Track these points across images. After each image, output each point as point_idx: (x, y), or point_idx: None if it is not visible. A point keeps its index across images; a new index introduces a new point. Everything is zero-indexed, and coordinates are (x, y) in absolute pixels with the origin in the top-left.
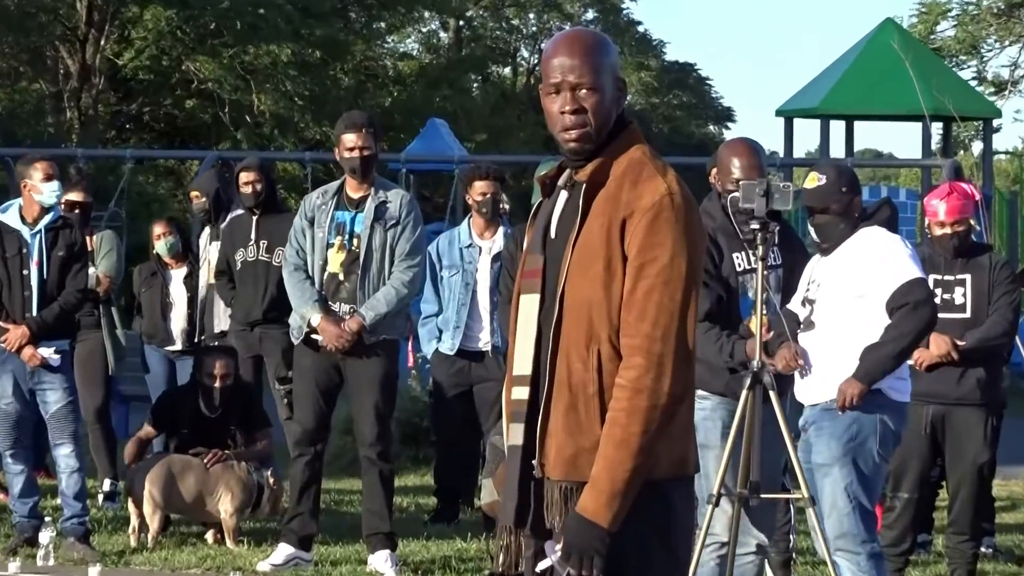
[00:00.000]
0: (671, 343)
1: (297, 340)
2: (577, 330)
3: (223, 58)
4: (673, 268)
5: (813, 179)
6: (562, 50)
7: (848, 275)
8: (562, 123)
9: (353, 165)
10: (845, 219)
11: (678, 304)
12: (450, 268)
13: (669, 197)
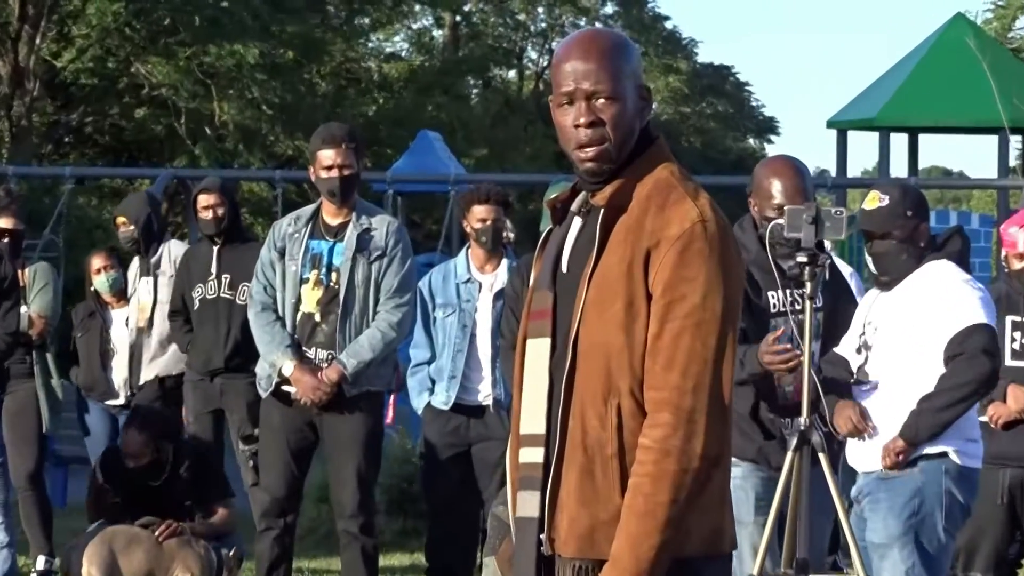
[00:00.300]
0: (704, 396)
1: (265, 392)
2: (593, 381)
3: (179, 59)
4: (706, 308)
5: (874, 199)
6: (575, 53)
7: (909, 318)
8: (576, 139)
9: (331, 186)
10: (909, 248)
11: (712, 350)
12: (444, 307)
13: (701, 224)
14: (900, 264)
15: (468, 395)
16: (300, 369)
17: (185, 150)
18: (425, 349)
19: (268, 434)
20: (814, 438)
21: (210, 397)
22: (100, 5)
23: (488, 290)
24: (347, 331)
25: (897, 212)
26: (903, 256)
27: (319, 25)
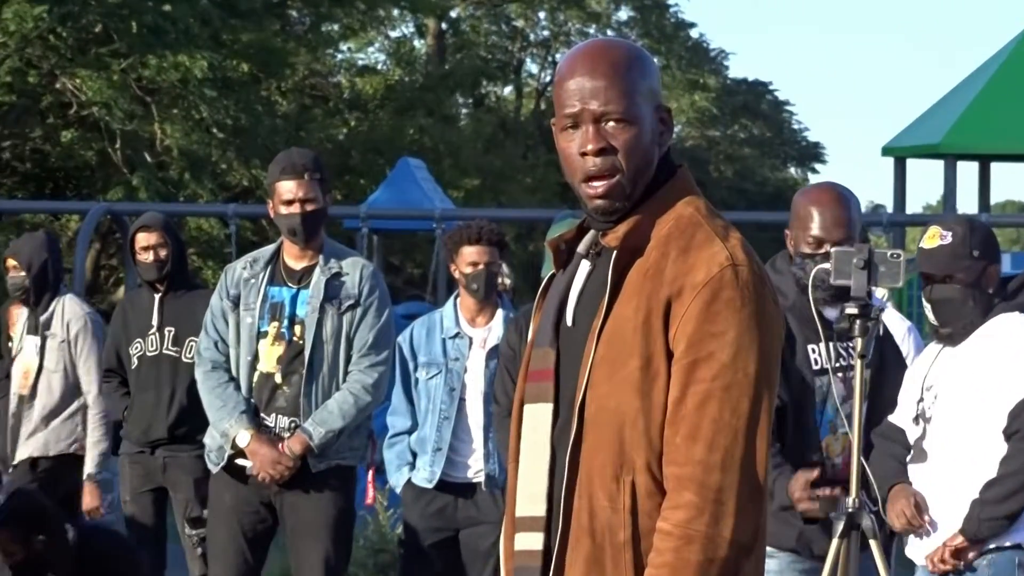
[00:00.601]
0: (734, 473)
1: (216, 467)
2: (603, 454)
3: (113, 73)
4: (737, 368)
5: (934, 236)
6: (582, 67)
7: (975, 383)
8: (583, 169)
9: (291, 224)
10: (975, 294)
11: (744, 419)
12: (428, 367)
13: (732, 269)
14: (964, 313)
15: (456, 471)
16: (257, 439)
17: (121, 180)
18: (405, 416)
19: (218, 516)
20: (864, 522)
21: (150, 473)
22: (19, 9)
23: (480, 346)
24: (313, 395)
25: (961, 252)
26: (968, 304)
27: (279, 33)
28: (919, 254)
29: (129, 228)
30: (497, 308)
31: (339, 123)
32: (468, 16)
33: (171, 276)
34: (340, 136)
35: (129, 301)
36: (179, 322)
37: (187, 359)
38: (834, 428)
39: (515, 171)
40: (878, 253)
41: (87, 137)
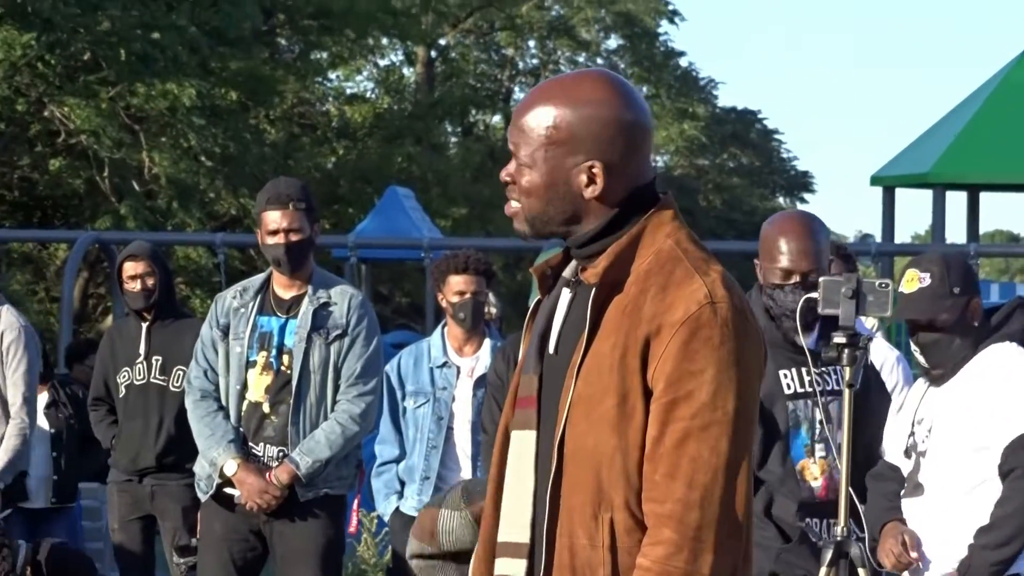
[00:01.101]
0: (713, 511)
1: (205, 495)
2: (581, 492)
3: (101, 101)
4: (716, 407)
5: (912, 279)
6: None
7: (968, 417)
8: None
9: (278, 254)
10: (961, 333)
11: (723, 457)
12: (416, 396)
13: (711, 306)
14: (953, 352)
15: None
16: (245, 468)
17: (109, 209)
18: (393, 445)
19: (208, 544)
20: (852, 551)
21: (138, 501)
22: (7, 36)
23: (467, 376)
24: (301, 424)
25: (942, 292)
26: (956, 342)
27: (268, 61)
28: (900, 300)
29: (117, 257)
30: (484, 337)
31: (327, 151)
32: (457, 44)
33: (159, 305)
34: (328, 164)
35: (117, 330)
36: (166, 351)
37: (175, 388)
38: (810, 451)
39: (503, 200)
40: (866, 282)
41: (75, 165)
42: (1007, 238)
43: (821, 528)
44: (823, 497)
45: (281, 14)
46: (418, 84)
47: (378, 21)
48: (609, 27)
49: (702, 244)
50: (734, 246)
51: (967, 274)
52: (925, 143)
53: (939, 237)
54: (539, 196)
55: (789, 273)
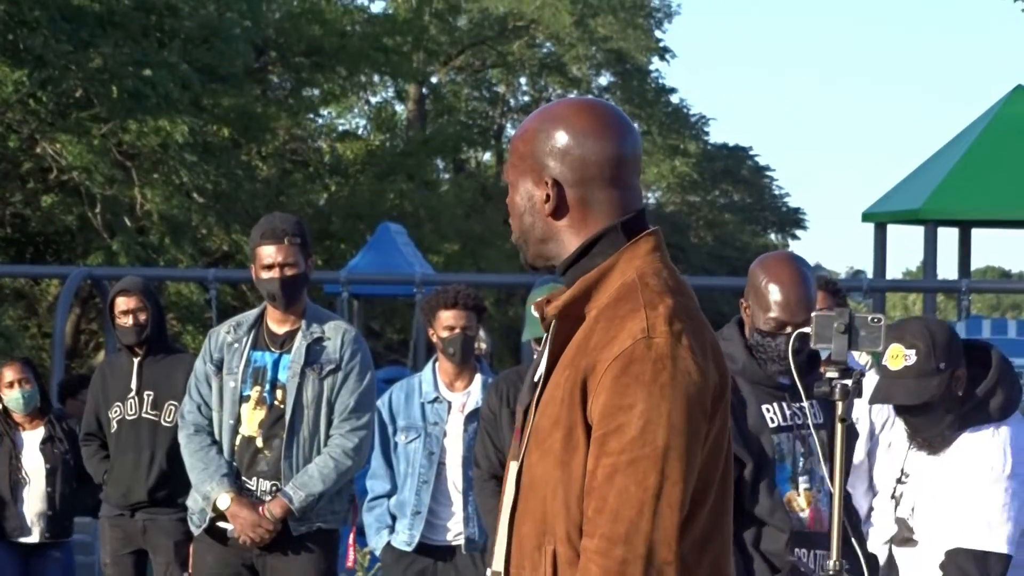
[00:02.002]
0: (639, 547)
1: (198, 529)
2: (531, 522)
3: (93, 137)
4: (645, 442)
5: (898, 356)
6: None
7: (952, 497)
8: None
9: (272, 288)
10: (947, 407)
11: (650, 492)
12: (408, 431)
13: (645, 342)
14: (941, 429)
15: (435, 534)
16: (238, 503)
17: (101, 245)
18: (384, 480)
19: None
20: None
21: (130, 535)
22: (0, 72)
23: (459, 411)
24: (294, 458)
25: (928, 369)
26: (942, 418)
27: (260, 98)
28: (884, 375)
29: (109, 293)
30: (476, 372)
31: (320, 188)
32: (448, 81)
33: (150, 340)
34: (321, 201)
35: (108, 365)
36: (158, 386)
37: (166, 423)
38: (794, 483)
39: (495, 236)
40: (858, 318)
41: (67, 202)
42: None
43: (809, 559)
44: (811, 528)
45: (273, 51)
46: (410, 121)
47: (369, 59)
48: (600, 64)
49: (673, 277)
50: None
51: (951, 344)
52: (917, 179)
53: (931, 273)
54: (514, 215)
55: (783, 324)
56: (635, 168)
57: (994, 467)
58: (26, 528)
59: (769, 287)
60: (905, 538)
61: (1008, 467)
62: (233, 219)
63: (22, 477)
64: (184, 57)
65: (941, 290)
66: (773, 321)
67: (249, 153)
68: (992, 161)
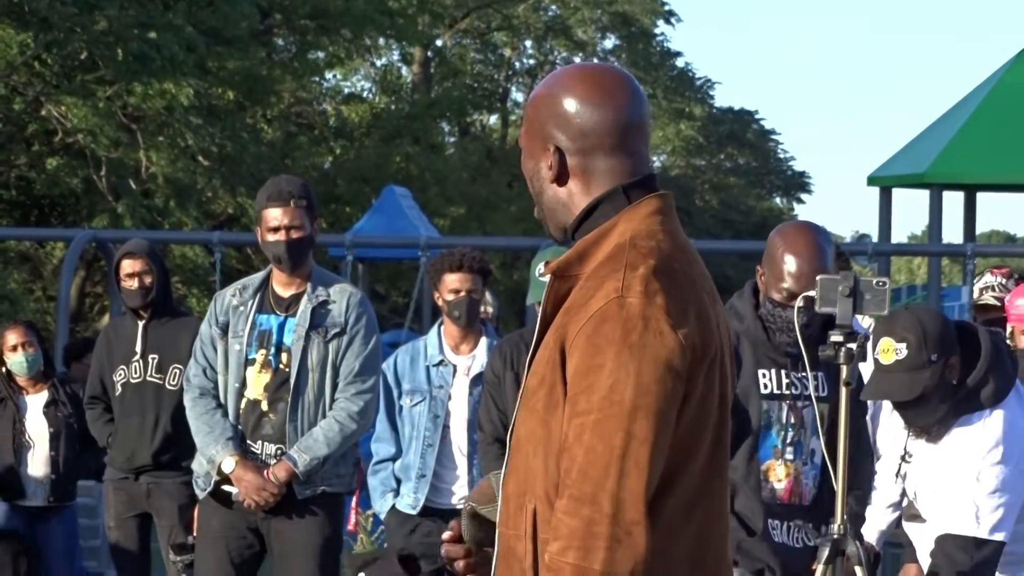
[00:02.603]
0: (605, 505)
1: (203, 492)
2: (515, 480)
3: (98, 100)
4: (613, 402)
5: (888, 350)
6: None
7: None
8: None
9: (278, 251)
10: (940, 396)
11: (616, 451)
12: (412, 394)
13: (617, 301)
14: (936, 418)
15: (440, 497)
16: (243, 466)
17: (106, 207)
18: (389, 443)
19: (205, 542)
20: (849, 548)
21: (135, 499)
22: (3, 35)
23: (464, 374)
24: (299, 422)
25: (919, 362)
26: (936, 408)
27: (265, 60)
28: (876, 369)
29: (114, 256)
30: (481, 336)
31: (325, 151)
32: (454, 44)
33: (155, 303)
34: (326, 164)
35: (113, 328)
36: (163, 349)
37: (171, 386)
38: (778, 453)
39: (501, 200)
40: (863, 281)
41: (72, 164)
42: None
43: (782, 531)
44: (785, 500)
45: (278, 14)
46: (415, 84)
47: (374, 22)
48: (606, 27)
49: (671, 240)
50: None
51: (942, 334)
52: (922, 143)
53: (936, 237)
54: (528, 180)
55: (793, 295)
56: (641, 135)
57: (984, 454)
58: (30, 492)
59: (785, 257)
60: (913, 514)
61: (1000, 453)
62: (238, 182)
63: (26, 441)
64: (189, 19)
65: (946, 254)
66: (785, 291)
67: (254, 116)
68: (997, 125)
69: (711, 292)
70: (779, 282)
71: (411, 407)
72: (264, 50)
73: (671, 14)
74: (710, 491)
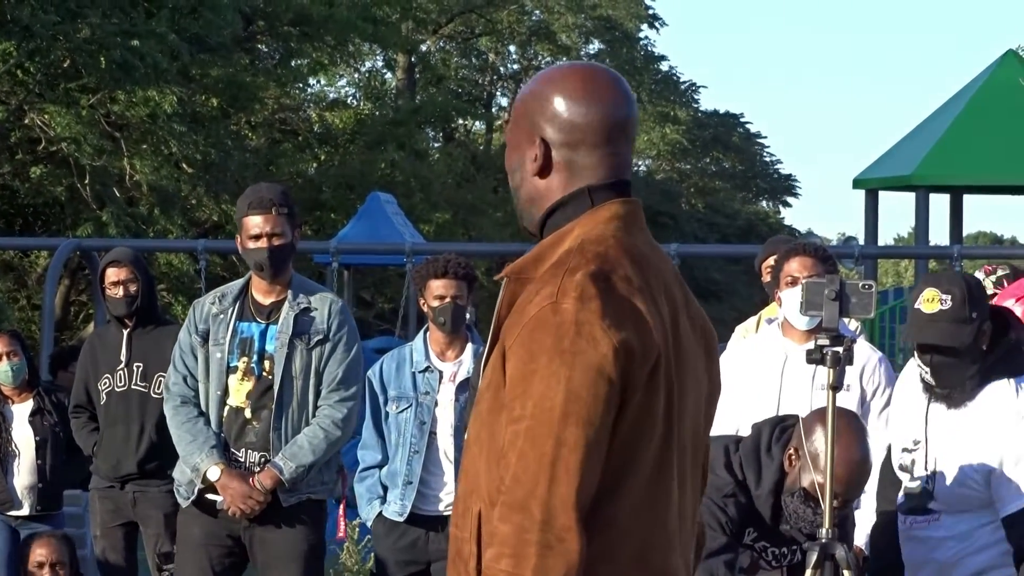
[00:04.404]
0: (536, 512)
1: (185, 501)
2: (464, 481)
3: (82, 108)
4: (544, 408)
5: (933, 300)
6: None
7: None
8: None
9: (259, 259)
10: (972, 358)
11: (547, 457)
12: (398, 401)
13: (552, 307)
14: (964, 378)
15: (427, 504)
16: (228, 474)
17: (90, 216)
18: (375, 450)
19: (187, 550)
20: (838, 552)
21: (120, 508)
22: None
23: (450, 380)
24: (283, 429)
25: (962, 317)
26: (968, 367)
27: (248, 67)
28: (916, 318)
29: (98, 264)
30: (467, 342)
31: (309, 158)
32: (438, 50)
33: (141, 311)
34: (310, 171)
35: (98, 336)
36: (148, 357)
37: (156, 394)
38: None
39: (486, 205)
40: (849, 284)
41: (56, 173)
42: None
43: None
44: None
45: (261, 21)
46: (399, 90)
47: (357, 29)
48: (590, 32)
49: (622, 247)
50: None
51: (982, 297)
52: (908, 145)
53: (922, 239)
54: (509, 174)
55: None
56: (624, 137)
57: (1020, 412)
58: (16, 501)
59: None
60: (916, 506)
61: None
62: (222, 189)
63: (11, 450)
64: (172, 27)
65: (933, 256)
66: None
67: (238, 123)
68: (983, 127)
69: (673, 299)
70: (815, 471)
71: (397, 413)
72: (247, 57)
73: (655, 18)
74: (658, 498)
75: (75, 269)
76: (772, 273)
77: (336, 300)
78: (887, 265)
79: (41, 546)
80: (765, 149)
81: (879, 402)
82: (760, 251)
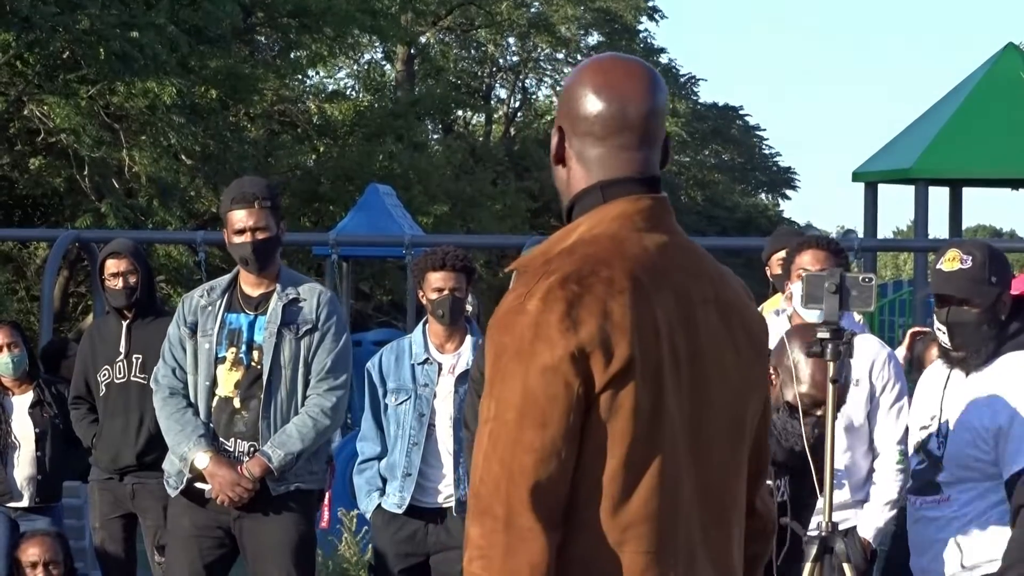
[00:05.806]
0: (499, 513)
1: (174, 491)
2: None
3: (81, 100)
4: (501, 409)
5: (954, 259)
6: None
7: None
8: None
9: (243, 253)
10: (988, 321)
11: (507, 459)
12: (397, 393)
13: (517, 307)
14: (979, 339)
15: (426, 496)
16: (216, 462)
17: (89, 207)
18: (374, 442)
19: (177, 541)
20: (837, 545)
21: (119, 499)
22: None
23: (449, 372)
24: (272, 418)
25: (980, 277)
26: (983, 329)
27: (247, 59)
28: (935, 276)
29: (98, 255)
30: (466, 334)
31: (308, 149)
32: (438, 42)
33: (140, 303)
34: (309, 162)
35: (97, 328)
36: (147, 349)
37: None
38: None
39: (485, 198)
40: (850, 278)
41: (55, 164)
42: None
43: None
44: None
45: (260, 12)
46: (398, 82)
47: (356, 21)
48: (589, 24)
49: (623, 246)
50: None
51: (1005, 267)
52: (907, 138)
53: (922, 233)
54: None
55: (816, 402)
56: (638, 130)
57: None
58: (16, 493)
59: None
60: (927, 482)
61: None
62: (221, 181)
63: (11, 441)
64: (171, 19)
65: (932, 249)
66: (807, 398)
67: (237, 115)
68: (983, 120)
69: (687, 296)
70: (797, 386)
71: (396, 406)
72: (247, 49)
73: (655, 10)
74: (645, 498)
75: (74, 260)
76: (783, 266)
77: (324, 291)
78: (886, 258)
79: (33, 545)
80: (764, 142)
81: (888, 397)
82: (767, 243)
